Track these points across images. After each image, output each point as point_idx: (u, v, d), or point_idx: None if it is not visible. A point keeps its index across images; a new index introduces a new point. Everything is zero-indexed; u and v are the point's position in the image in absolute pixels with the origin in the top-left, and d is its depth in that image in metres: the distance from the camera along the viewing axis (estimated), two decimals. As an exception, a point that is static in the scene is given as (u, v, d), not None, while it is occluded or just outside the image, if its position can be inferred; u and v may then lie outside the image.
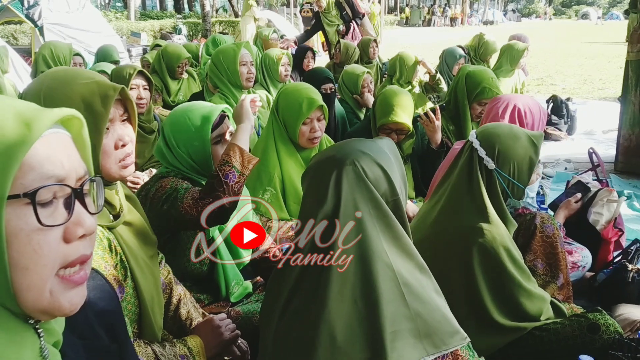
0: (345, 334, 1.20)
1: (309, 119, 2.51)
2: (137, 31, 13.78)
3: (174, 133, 1.88)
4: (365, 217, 1.23)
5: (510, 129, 1.90)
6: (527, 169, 1.86)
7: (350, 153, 1.28)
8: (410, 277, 1.23)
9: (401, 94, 2.96)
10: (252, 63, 3.53)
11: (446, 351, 1.22)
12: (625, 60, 4.39)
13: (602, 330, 1.76)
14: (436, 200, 1.91)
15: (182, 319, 1.73)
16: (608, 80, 9.48)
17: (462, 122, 3.33)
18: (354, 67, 4.46)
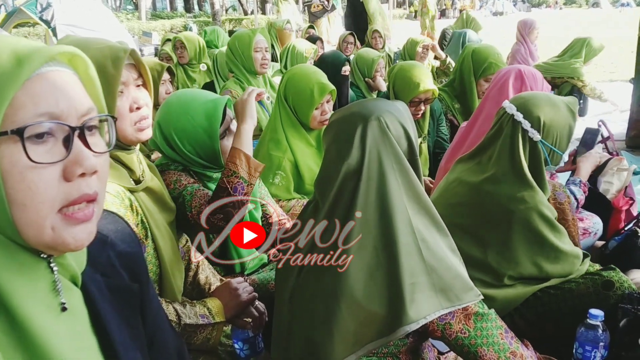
0: (366, 285, 1.24)
1: (320, 103, 2.54)
2: (149, 31, 13.90)
3: (177, 133, 1.79)
4: (388, 171, 1.26)
5: (549, 97, 1.92)
6: (567, 137, 1.90)
7: (374, 109, 1.32)
8: (427, 234, 1.27)
9: (416, 64, 3.07)
10: (267, 49, 3.58)
11: (459, 306, 1.26)
12: (637, 38, 4.39)
13: (616, 287, 1.79)
14: (475, 168, 1.92)
15: (201, 284, 1.79)
16: (619, 64, 9.41)
17: (469, 100, 3.37)
18: (368, 51, 4.52)
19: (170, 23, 16.27)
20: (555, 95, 1.97)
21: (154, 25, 15.97)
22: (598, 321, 1.64)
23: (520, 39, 6.34)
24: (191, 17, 20.50)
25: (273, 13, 17.75)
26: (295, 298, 1.35)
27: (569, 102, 1.89)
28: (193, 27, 14.22)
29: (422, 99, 2.94)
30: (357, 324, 1.25)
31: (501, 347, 1.29)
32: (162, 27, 15.49)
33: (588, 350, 1.65)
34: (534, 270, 1.82)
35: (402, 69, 2.99)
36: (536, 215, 1.77)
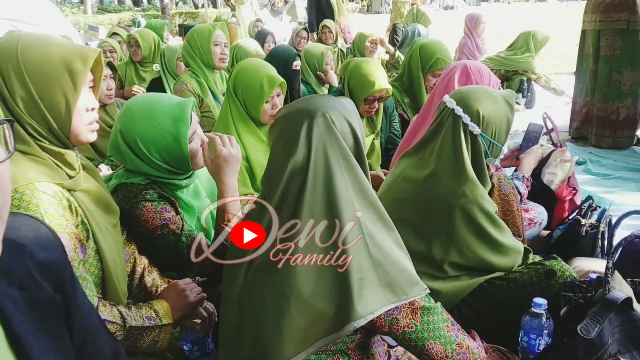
0: (315, 283, 1.23)
1: (270, 97, 2.52)
2: (95, 25, 13.50)
3: (143, 140, 1.72)
4: (335, 168, 1.26)
5: (487, 91, 1.96)
6: (506, 129, 1.95)
7: (320, 106, 1.31)
8: (374, 229, 1.28)
9: (371, 61, 3.08)
10: (226, 44, 3.55)
11: (405, 300, 1.26)
12: (581, 30, 4.54)
13: (557, 276, 1.85)
14: (418, 163, 1.94)
15: (148, 287, 1.75)
16: (564, 57, 9.71)
17: (417, 95, 3.41)
18: (316, 45, 4.52)
19: (117, 17, 15.86)
20: (493, 89, 2.01)
21: (100, 19, 15.52)
22: (542, 309, 1.69)
23: (468, 33, 6.48)
24: (139, 10, 20.04)
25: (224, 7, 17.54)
26: (243, 297, 1.33)
27: (507, 96, 1.94)
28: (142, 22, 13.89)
29: (377, 97, 2.96)
30: (307, 321, 1.25)
31: (448, 340, 1.31)
32: (109, 21, 15.08)
33: (533, 338, 1.69)
34: (478, 262, 1.85)
35: (357, 66, 2.99)
36: (477, 209, 1.81)
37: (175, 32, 10.96)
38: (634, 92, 4.27)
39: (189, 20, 14.06)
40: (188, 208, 1.89)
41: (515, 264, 1.91)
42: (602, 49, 4.29)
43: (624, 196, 3.41)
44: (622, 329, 1.39)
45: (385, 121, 3.20)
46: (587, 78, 4.44)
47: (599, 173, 3.85)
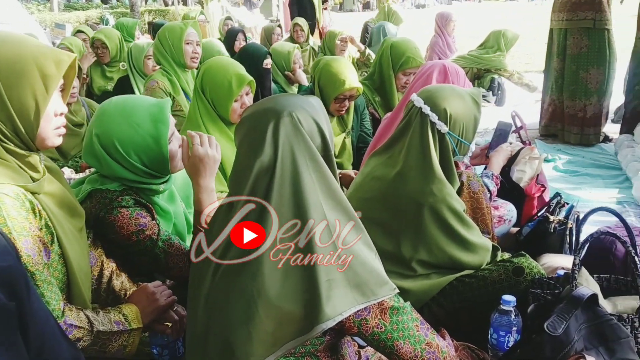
0: (282, 285, 1.22)
1: (239, 95, 2.50)
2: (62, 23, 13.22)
3: (121, 142, 1.68)
4: (302, 168, 1.25)
5: (453, 89, 1.98)
6: (473, 127, 1.96)
7: (287, 105, 1.29)
8: (342, 230, 1.27)
9: (341, 60, 3.07)
10: (198, 43, 3.50)
11: (374, 301, 1.26)
12: (549, 29, 4.60)
13: (526, 273, 1.87)
14: (386, 162, 1.94)
15: (117, 290, 1.71)
16: (534, 56, 9.87)
17: (388, 93, 3.42)
18: (283, 44, 4.50)
19: (85, 14, 15.55)
20: (460, 87, 2.02)
21: (67, 16, 15.20)
22: (510, 307, 1.70)
23: (438, 31, 6.55)
24: (108, 8, 19.70)
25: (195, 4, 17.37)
26: (211, 300, 1.31)
27: (473, 94, 1.95)
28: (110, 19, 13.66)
29: (347, 96, 2.95)
30: (275, 324, 1.24)
31: (417, 340, 1.31)
32: (77, 18, 14.77)
33: (502, 335, 1.71)
34: (447, 260, 1.86)
35: (327, 65, 2.98)
36: (445, 207, 1.81)
37: (145, 30, 10.80)
38: (600, 90, 4.34)
39: (158, 18, 13.87)
40: (164, 214, 1.86)
41: (483, 262, 1.92)
42: (569, 47, 4.36)
43: (592, 192, 3.48)
44: (588, 325, 1.41)
45: (356, 120, 3.20)
46: (555, 76, 4.51)
47: (567, 170, 3.92)
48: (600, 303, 1.66)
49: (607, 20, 4.24)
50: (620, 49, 4.52)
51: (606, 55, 4.29)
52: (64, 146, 2.96)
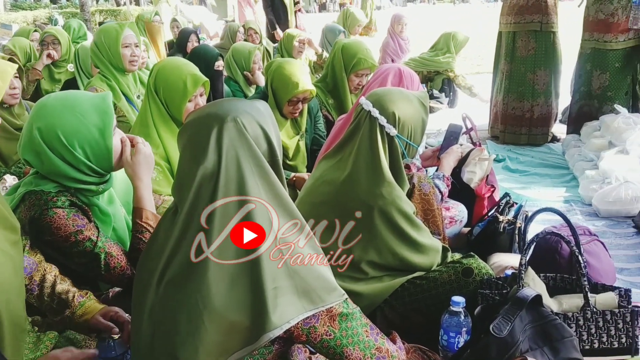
0: (228, 294, 1.20)
1: (193, 95, 2.47)
2: (8, 23, 12.76)
3: (66, 134, 1.62)
4: (247, 174, 1.23)
5: (401, 92, 1.99)
6: (421, 130, 1.98)
7: (231, 110, 1.27)
8: (290, 236, 1.26)
9: (294, 62, 3.06)
10: (136, 45, 3.37)
11: (323, 307, 1.25)
12: (497, 32, 4.70)
13: (475, 273, 1.89)
14: (336, 165, 1.94)
15: (62, 294, 1.65)
16: (486, 57, 10.07)
17: (341, 95, 3.42)
18: (244, 43, 4.46)
19: (32, 14, 15.02)
20: (407, 90, 2.04)
21: (14, 16, 14.67)
22: (460, 308, 1.71)
23: (391, 33, 6.62)
24: (57, 8, 19.11)
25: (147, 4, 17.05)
26: (155, 312, 1.27)
27: (421, 97, 1.97)
28: (59, 19, 13.26)
29: (301, 98, 2.94)
30: (222, 334, 1.22)
31: (367, 345, 1.31)
32: (24, 18, 14.26)
33: (452, 337, 1.72)
34: (398, 262, 1.87)
35: (280, 67, 2.96)
36: (394, 210, 1.82)
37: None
38: (547, 91, 4.45)
39: (110, 18, 13.55)
40: (104, 216, 1.81)
41: (434, 263, 1.94)
42: (517, 49, 4.46)
43: (540, 192, 3.56)
44: (533, 325, 1.43)
45: (309, 122, 3.19)
46: (503, 78, 4.60)
47: (516, 170, 4.00)
48: (546, 303, 1.69)
49: (553, 23, 4.35)
50: (568, 51, 4.65)
51: (553, 57, 4.40)
52: (6, 151, 2.84)
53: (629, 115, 3.64)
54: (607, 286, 1.78)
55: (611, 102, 4.04)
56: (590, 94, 4.26)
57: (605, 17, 4.05)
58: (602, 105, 4.18)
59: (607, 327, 1.65)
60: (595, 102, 4.24)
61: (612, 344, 1.66)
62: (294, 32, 5.44)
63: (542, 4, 4.28)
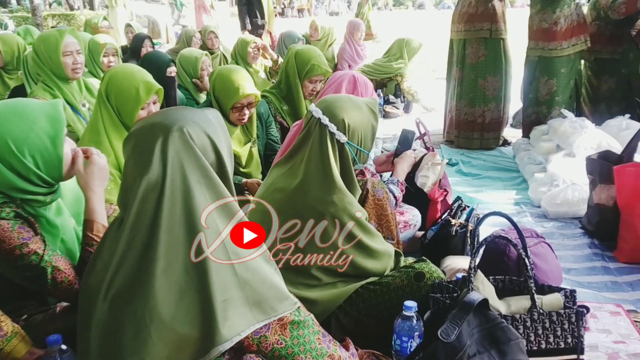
0: (176, 307, 1.19)
1: (146, 103, 2.44)
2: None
3: (15, 141, 1.57)
4: (194, 185, 1.21)
5: (350, 99, 2.00)
6: (371, 136, 2.00)
7: (177, 120, 1.25)
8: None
9: (235, 68, 3.01)
10: (79, 52, 3.27)
11: (274, 317, 1.25)
12: (449, 39, 4.80)
13: (426, 278, 1.91)
14: (288, 173, 1.93)
15: None
16: (440, 63, 10.26)
17: (296, 101, 3.43)
18: (192, 50, 4.43)
19: (-20, 18, 14.59)
20: (357, 97, 2.06)
21: (-39, 20, 14.19)
22: (412, 312, 1.73)
23: (348, 39, 6.68)
24: (7, 12, 18.53)
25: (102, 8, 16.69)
26: (102, 328, 1.24)
27: (370, 103, 1.99)
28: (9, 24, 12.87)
29: (245, 104, 2.92)
30: (170, 348, 1.20)
31: (319, 353, 1.32)
32: (-28, 22, 13.83)
33: (405, 341, 1.73)
34: (352, 269, 1.87)
35: (220, 74, 2.94)
36: (346, 217, 1.83)
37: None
38: (497, 96, 4.56)
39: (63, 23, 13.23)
40: (51, 228, 1.75)
41: (387, 268, 1.95)
42: (468, 56, 4.56)
43: (492, 194, 3.64)
44: (480, 329, 1.46)
45: (261, 128, 3.18)
46: (456, 84, 4.70)
47: (469, 173, 4.08)
48: (495, 305, 1.73)
49: (502, 31, 4.47)
50: (518, 57, 4.77)
51: (502, 63, 4.52)
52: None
53: (575, 119, 3.75)
54: (553, 287, 1.83)
55: (559, 107, 4.17)
56: (539, 100, 4.39)
57: (548, 26, 4.18)
58: (550, 110, 4.31)
59: (554, 327, 1.70)
60: (544, 107, 4.37)
61: (559, 344, 1.71)
62: (248, 37, 5.42)
63: (490, 12, 4.40)
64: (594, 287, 2.42)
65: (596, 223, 2.87)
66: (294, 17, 30.14)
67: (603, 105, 4.38)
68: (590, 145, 3.43)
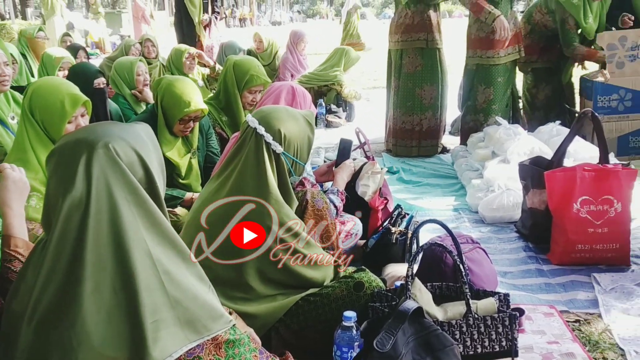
0: (105, 330, 1.14)
1: (73, 117, 2.34)
2: None
3: None
4: (121, 203, 1.17)
5: (287, 110, 2.00)
6: (307, 147, 2.00)
7: (103, 135, 1.20)
8: (171, 265, 1.21)
9: (185, 80, 2.98)
10: (5, 63, 3.13)
11: (208, 336, 1.22)
12: (387, 49, 4.88)
13: (366, 287, 1.92)
14: (220, 185, 1.91)
15: None
16: (381, 72, 10.45)
17: (234, 112, 3.40)
18: (126, 57, 4.34)
19: None
20: (293, 108, 2.07)
21: None
22: (351, 322, 1.73)
23: (291, 48, 6.70)
24: None
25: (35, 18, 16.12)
26: (26, 354, 1.18)
27: (306, 115, 2.00)
28: None
29: (192, 117, 2.88)
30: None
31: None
32: None
33: (345, 352, 1.73)
34: (291, 279, 1.86)
35: (171, 85, 2.87)
36: (283, 229, 1.82)
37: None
38: (434, 105, 4.67)
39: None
40: None
41: (327, 277, 1.95)
42: (405, 66, 4.64)
43: (431, 201, 3.71)
44: (415, 337, 1.47)
45: (201, 140, 3.13)
46: (394, 93, 4.78)
47: (410, 181, 4.15)
48: (432, 312, 1.76)
49: (438, 41, 4.58)
50: (453, 66, 4.91)
51: (438, 72, 4.62)
52: None
53: (509, 126, 3.88)
54: (487, 292, 1.88)
55: (496, 115, 4.30)
56: (477, 108, 4.52)
57: (485, 35, 4.31)
58: (487, 118, 4.45)
59: (488, 332, 1.73)
60: (482, 115, 4.50)
61: (494, 348, 1.75)
62: (182, 47, 5.33)
63: (426, 22, 4.51)
64: (529, 289, 2.50)
65: (530, 227, 2.97)
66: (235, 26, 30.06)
67: (541, 112, 4.57)
68: (524, 151, 3.55)
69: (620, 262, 2.64)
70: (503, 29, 4.17)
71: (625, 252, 2.66)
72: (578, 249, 2.64)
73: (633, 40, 4.24)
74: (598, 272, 2.57)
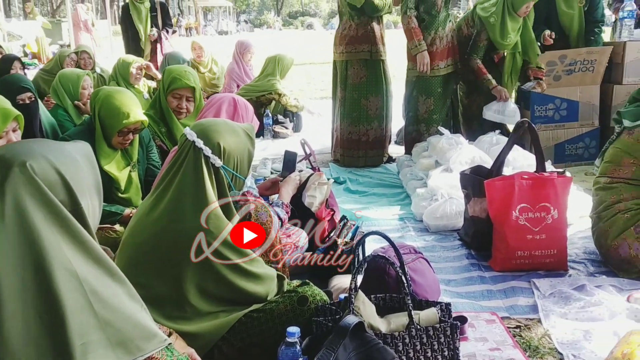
0: (30, 355, 1.08)
1: (4, 132, 2.26)
2: None
3: None
4: (40, 224, 1.11)
5: (227, 124, 1.97)
6: (248, 161, 1.97)
7: (21, 153, 1.14)
8: (99, 285, 1.16)
9: (124, 92, 2.90)
10: None
11: (142, 357, 1.18)
12: (332, 61, 4.91)
13: (310, 301, 1.90)
14: (156, 201, 1.85)
15: None
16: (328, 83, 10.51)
17: (169, 122, 3.36)
18: (72, 69, 4.21)
19: None
20: (233, 122, 2.05)
21: None
22: (295, 338, 1.71)
23: (237, 58, 6.66)
24: None
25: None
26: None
27: (247, 129, 1.98)
28: None
29: (132, 129, 2.80)
30: (25, 401, 1.08)
31: (195, 392, 1.25)
32: None
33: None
34: (233, 293, 1.83)
35: (109, 96, 2.79)
36: (223, 243, 1.78)
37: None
38: (380, 115, 4.72)
39: None
40: None
41: (270, 290, 1.92)
42: (350, 77, 4.69)
43: (378, 211, 3.73)
44: (357, 352, 1.47)
45: (141, 152, 3.05)
46: (340, 104, 4.81)
47: (357, 191, 4.17)
48: (375, 324, 1.75)
49: (381, 52, 4.65)
50: (397, 76, 4.99)
51: (383, 83, 4.69)
52: None
53: (451, 136, 3.96)
54: (430, 302, 1.89)
55: (436, 125, 4.38)
56: (418, 118, 4.60)
57: (425, 48, 4.40)
58: (429, 128, 4.53)
59: (431, 342, 1.74)
60: (423, 125, 4.58)
61: (437, 358, 1.76)
62: (129, 57, 5.23)
63: (370, 34, 4.57)
64: (472, 296, 2.54)
65: (472, 235, 3.03)
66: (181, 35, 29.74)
67: (475, 122, 4.67)
68: (465, 160, 3.63)
69: (559, 267, 2.73)
70: (423, 64, 4.34)
71: (563, 258, 2.74)
72: (518, 255, 2.71)
73: (572, 57, 4.46)
74: (537, 278, 2.64)
